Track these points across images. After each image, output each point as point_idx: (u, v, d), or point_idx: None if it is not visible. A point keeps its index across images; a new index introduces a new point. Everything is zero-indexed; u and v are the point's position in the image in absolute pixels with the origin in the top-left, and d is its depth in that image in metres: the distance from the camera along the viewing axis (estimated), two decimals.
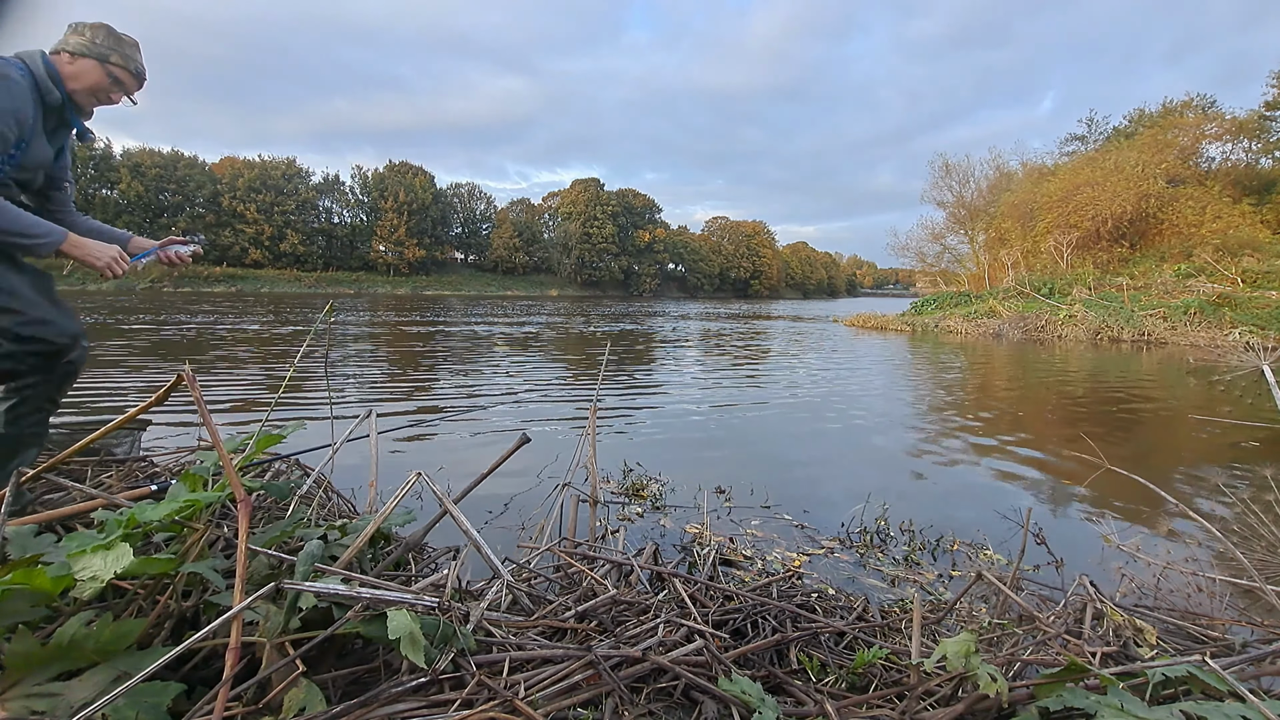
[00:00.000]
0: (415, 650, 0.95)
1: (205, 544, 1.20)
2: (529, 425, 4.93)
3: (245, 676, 1.03)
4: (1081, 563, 2.60)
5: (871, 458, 4.43)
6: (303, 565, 1.12)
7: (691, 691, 1.17)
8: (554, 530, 2.24)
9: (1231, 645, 1.60)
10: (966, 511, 3.25)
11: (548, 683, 1.12)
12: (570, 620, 1.40)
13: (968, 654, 0.99)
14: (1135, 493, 3.41)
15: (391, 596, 1.08)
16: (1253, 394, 6.89)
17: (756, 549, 2.67)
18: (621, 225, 75.64)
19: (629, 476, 3.55)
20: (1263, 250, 19.67)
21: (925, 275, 36.04)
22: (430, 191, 59.82)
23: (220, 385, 6.16)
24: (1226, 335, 14.48)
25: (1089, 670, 0.99)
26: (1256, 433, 5.10)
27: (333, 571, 1.16)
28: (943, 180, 34.49)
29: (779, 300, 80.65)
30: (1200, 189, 23.82)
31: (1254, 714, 0.86)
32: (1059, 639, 1.49)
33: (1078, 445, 4.36)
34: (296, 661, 0.97)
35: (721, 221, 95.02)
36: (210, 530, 1.25)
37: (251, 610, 1.05)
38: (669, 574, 1.73)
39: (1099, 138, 31.42)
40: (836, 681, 1.34)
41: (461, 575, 1.82)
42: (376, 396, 6.13)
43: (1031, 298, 20.67)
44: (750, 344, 13.92)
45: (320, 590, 1.04)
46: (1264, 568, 2.19)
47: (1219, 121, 25.50)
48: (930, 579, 2.46)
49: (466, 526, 1.45)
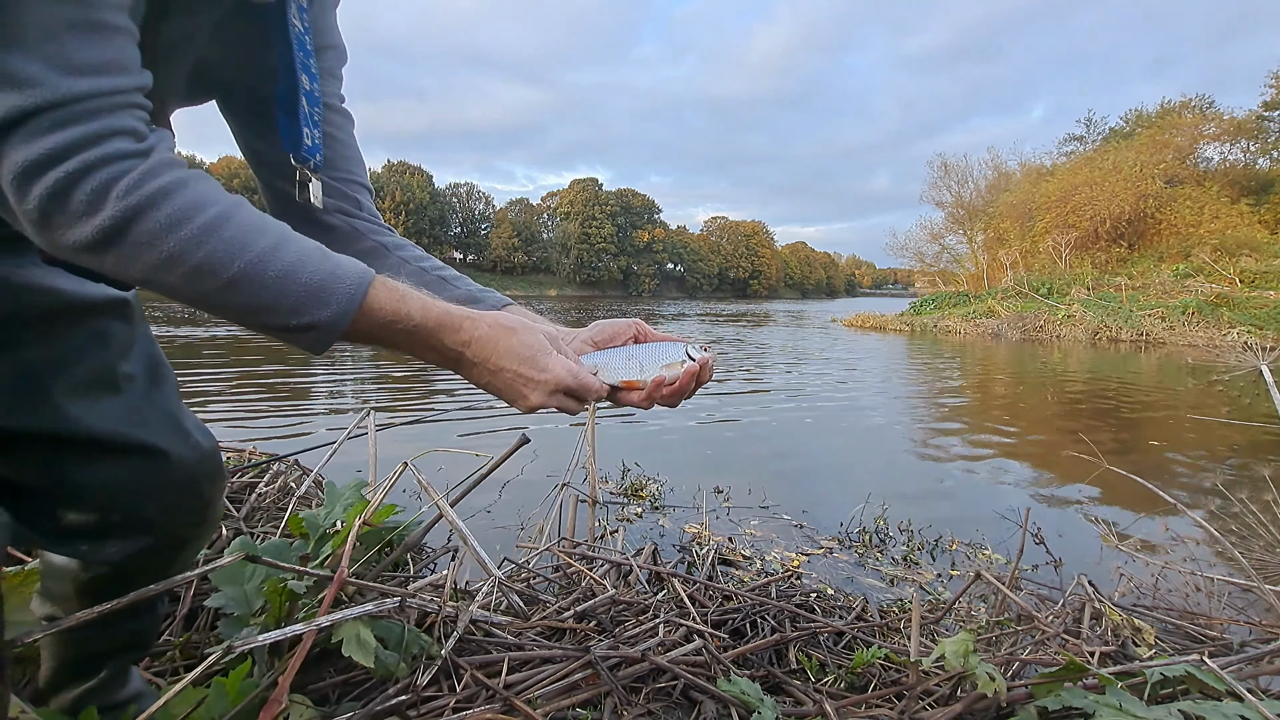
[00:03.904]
0: (365, 654, 0.93)
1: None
2: (528, 425, 4.93)
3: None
4: (1080, 562, 2.60)
5: (870, 457, 4.44)
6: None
7: (690, 691, 1.17)
8: (553, 530, 2.24)
9: (1230, 644, 1.61)
10: (965, 511, 3.26)
11: (546, 683, 1.12)
12: (569, 620, 1.40)
13: (966, 653, 0.99)
14: (1133, 492, 3.41)
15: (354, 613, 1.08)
16: (1251, 394, 6.90)
17: (755, 549, 2.67)
18: (620, 225, 75.69)
19: (628, 476, 3.55)
20: (1261, 250, 19.71)
21: (924, 275, 36.10)
22: (428, 191, 59.78)
23: (221, 385, 6.15)
24: (1224, 335, 14.51)
25: (1087, 670, 0.99)
26: (1254, 432, 5.11)
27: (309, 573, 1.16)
28: (941, 180, 34.58)
29: (777, 300, 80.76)
30: (1198, 189, 23.86)
31: (1252, 713, 0.86)
32: (1057, 638, 1.49)
33: (1076, 445, 4.37)
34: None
35: (721, 221, 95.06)
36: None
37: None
38: (668, 574, 1.73)
39: (1097, 138, 31.48)
40: (835, 681, 1.35)
41: (461, 575, 1.83)
42: (375, 395, 6.12)
43: (1030, 298, 20.69)
44: (749, 343, 13.92)
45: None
46: (1262, 567, 2.20)
47: (1217, 122, 25.55)
48: (929, 579, 2.46)
49: (460, 526, 1.45)
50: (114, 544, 0.77)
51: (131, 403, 0.76)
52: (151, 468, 0.76)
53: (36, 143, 0.46)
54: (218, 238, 0.51)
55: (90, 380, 0.73)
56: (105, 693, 0.91)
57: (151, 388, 0.80)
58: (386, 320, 0.59)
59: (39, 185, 0.47)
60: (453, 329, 0.63)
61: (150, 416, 0.77)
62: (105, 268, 0.51)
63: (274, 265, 0.54)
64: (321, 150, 0.78)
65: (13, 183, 0.47)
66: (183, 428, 0.81)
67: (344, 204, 0.84)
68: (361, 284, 0.58)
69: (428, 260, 0.87)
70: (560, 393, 0.66)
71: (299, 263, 0.55)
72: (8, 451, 0.70)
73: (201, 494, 0.83)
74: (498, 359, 0.64)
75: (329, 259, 0.58)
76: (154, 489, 0.77)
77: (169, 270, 0.51)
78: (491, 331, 0.63)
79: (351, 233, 0.84)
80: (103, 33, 0.49)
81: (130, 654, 0.94)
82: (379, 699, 0.98)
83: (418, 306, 0.61)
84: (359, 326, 0.58)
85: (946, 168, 34.51)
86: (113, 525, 0.76)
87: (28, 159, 0.46)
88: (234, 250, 0.52)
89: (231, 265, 0.52)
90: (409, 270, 0.84)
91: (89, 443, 0.72)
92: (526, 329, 0.66)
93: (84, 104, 0.48)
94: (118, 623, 0.88)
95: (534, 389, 0.65)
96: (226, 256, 0.52)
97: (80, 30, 0.48)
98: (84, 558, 0.79)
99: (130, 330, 0.79)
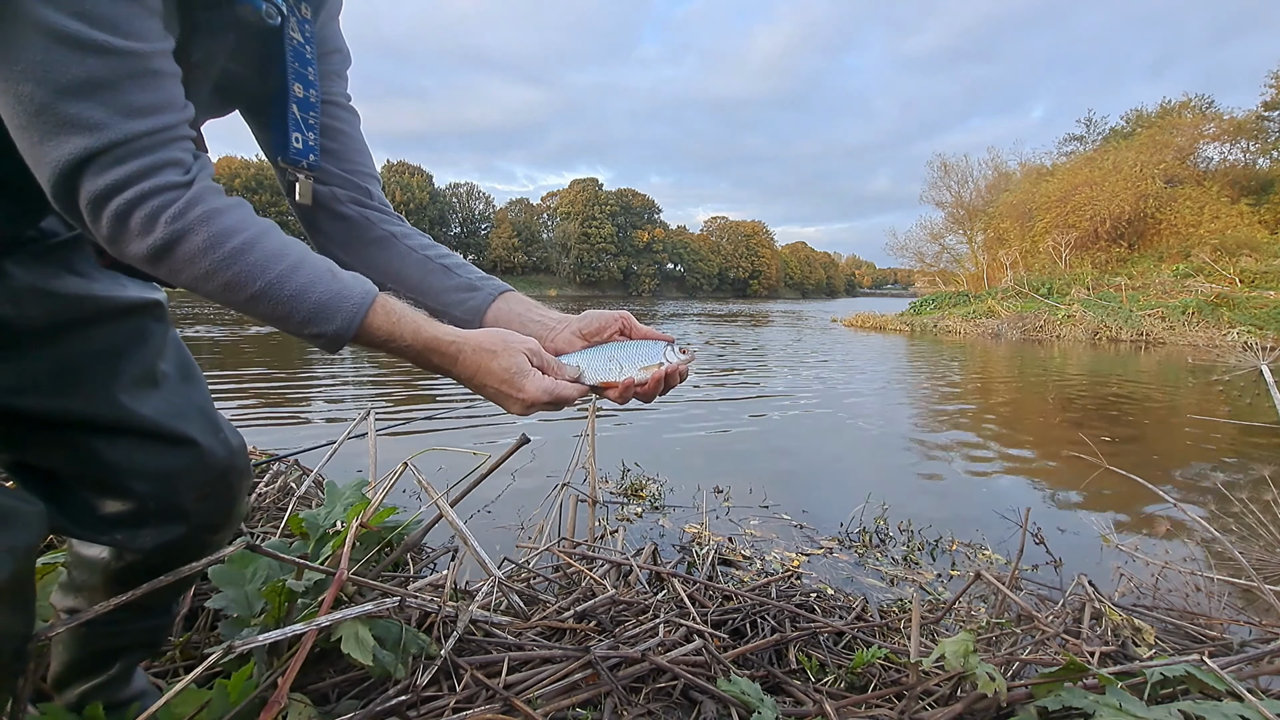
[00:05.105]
0: (363, 651, 0.93)
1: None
2: (528, 425, 4.93)
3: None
4: (1080, 562, 2.60)
5: (870, 457, 4.44)
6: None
7: (690, 691, 1.17)
8: (553, 530, 2.24)
9: (1230, 644, 1.61)
10: (965, 511, 3.26)
11: (546, 683, 1.12)
12: (569, 620, 1.40)
13: (966, 653, 0.99)
14: (1133, 492, 3.41)
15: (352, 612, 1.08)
16: (1251, 394, 6.91)
17: (755, 549, 2.67)
18: (620, 225, 75.72)
19: (628, 476, 3.55)
20: (1260, 250, 19.71)
21: (924, 275, 36.11)
22: (427, 191, 59.89)
23: (221, 385, 6.15)
24: (1225, 335, 14.51)
25: (1087, 670, 0.99)
26: (1254, 432, 5.11)
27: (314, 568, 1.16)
28: (941, 180, 34.60)
29: (777, 300, 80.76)
30: (1198, 189, 23.86)
31: (1252, 713, 0.86)
32: (1057, 638, 1.49)
33: (1076, 445, 4.37)
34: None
35: (720, 221, 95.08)
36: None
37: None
38: (668, 574, 1.73)
39: (1097, 138, 31.48)
40: (835, 681, 1.35)
41: (461, 575, 1.83)
42: (375, 395, 6.13)
43: (1030, 298, 20.69)
44: (748, 343, 13.92)
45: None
46: (1262, 567, 2.20)
47: (1217, 122, 25.55)
48: (929, 579, 2.46)
49: (460, 526, 1.45)
50: (149, 531, 0.82)
51: (170, 396, 0.84)
52: (189, 458, 0.83)
53: (104, 176, 0.57)
54: (244, 260, 0.62)
55: (136, 373, 0.81)
56: (111, 690, 0.94)
57: (184, 385, 0.87)
58: (383, 339, 0.69)
59: (107, 211, 0.58)
60: (439, 352, 0.71)
61: (187, 410, 0.85)
62: (160, 275, 0.63)
63: (290, 285, 0.64)
64: (316, 152, 0.84)
65: (87, 208, 0.58)
66: (215, 423, 0.88)
67: (356, 194, 0.90)
68: (362, 306, 0.67)
69: (433, 248, 0.92)
70: (538, 406, 0.74)
71: (310, 284, 0.65)
72: (49, 440, 0.77)
73: (231, 487, 0.89)
74: (480, 378, 0.72)
75: (337, 280, 0.67)
76: (190, 478, 0.83)
77: (206, 282, 0.62)
78: (474, 356, 0.72)
79: (364, 222, 0.90)
80: (155, 78, 0.59)
81: (141, 652, 0.98)
82: (379, 699, 0.98)
83: (410, 329, 0.70)
84: (360, 339, 0.69)
85: (946, 168, 34.54)
86: (149, 513, 0.81)
87: (97, 189, 0.57)
88: (257, 271, 0.63)
89: (255, 284, 0.63)
90: (414, 259, 0.90)
91: (135, 430, 0.79)
92: (507, 351, 0.72)
93: (141, 141, 0.58)
94: (133, 620, 0.92)
95: (514, 403, 0.73)
96: (250, 276, 0.63)
97: (136, 79, 0.58)
98: (119, 546, 0.84)
99: (165, 330, 0.87)
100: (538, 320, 0.88)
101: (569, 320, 0.88)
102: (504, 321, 0.86)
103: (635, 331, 0.87)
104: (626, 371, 0.80)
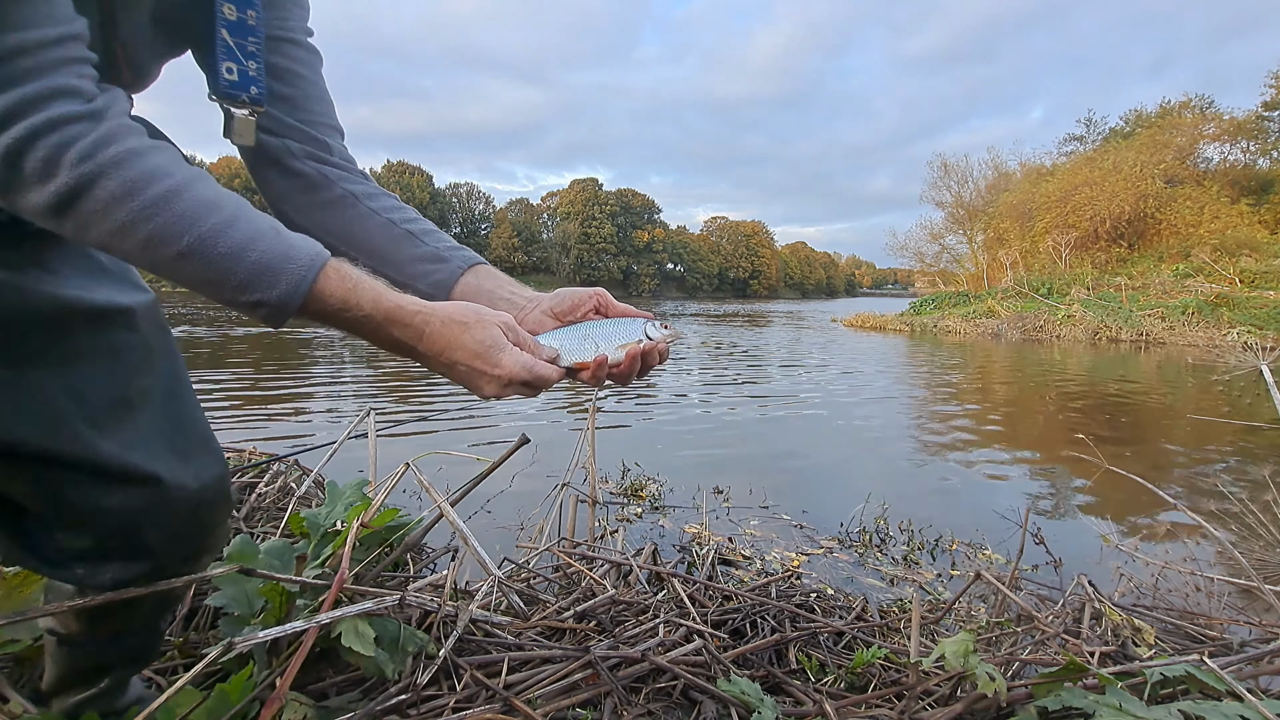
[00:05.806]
0: (364, 644, 0.93)
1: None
2: (528, 425, 4.93)
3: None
4: (1080, 562, 2.60)
5: (870, 457, 4.44)
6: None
7: (690, 691, 1.17)
8: (553, 530, 2.24)
9: (1230, 644, 1.61)
10: (965, 511, 3.26)
11: (546, 683, 1.12)
12: (569, 620, 1.40)
13: (966, 653, 0.99)
14: (1133, 492, 3.41)
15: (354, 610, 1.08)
16: (1251, 394, 6.91)
17: (755, 549, 2.67)
18: (620, 225, 75.73)
19: (628, 476, 3.55)
20: (1260, 250, 19.71)
21: (924, 275, 36.12)
22: (427, 191, 59.89)
23: (221, 385, 6.15)
24: (1224, 335, 14.50)
25: (1087, 670, 0.99)
26: (1254, 432, 5.11)
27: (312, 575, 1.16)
28: (941, 180, 34.62)
29: (777, 300, 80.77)
30: (1198, 189, 23.87)
31: (1252, 713, 0.86)
32: (1057, 638, 1.49)
33: (1076, 445, 4.37)
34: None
35: (720, 221, 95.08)
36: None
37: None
38: (668, 574, 1.73)
39: (1097, 138, 31.49)
40: (835, 681, 1.35)
41: (461, 575, 1.82)
42: (375, 396, 6.13)
43: (1030, 298, 20.69)
44: (748, 343, 13.92)
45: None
46: (1262, 567, 2.20)
47: (1217, 122, 25.56)
48: (929, 579, 2.46)
49: (460, 526, 1.45)
50: (111, 568, 0.75)
51: (138, 427, 0.73)
52: (150, 496, 0.73)
53: None
54: (169, 211, 0.51)
55: (101, 402, 0.70)
56: (104, 701, 0.91)
57: (166, 404, 0.77)
58: (336, 307, 0.59)
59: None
60: (403, 324, 0.61)
61: (154, 441, 0.74)
62: (65, 232, 0.51)
63: (224, 242, 0.53)
64: (260, 85, 0.71)
65: None
66: (188, 453, 0.78)
67: (312, 147, 0.78)
68: (312, 268, 0.57)
69: (399, 211, 0.81)
70: (515, 385, 0.65)
71: (249, 241, 0.54)
72: (7, 471, 0.68)
73: (201, 522, 0.80)
74: (450, 353, 0.63)
75: (282, 239, 0.57)
76: (153, 517, 0.74)
77: (122, 238, 0.51)
78: (444, 328, 0.62)
79: (321, 180, 0.79)
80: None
81: (130, 668, 0.93)
82: (379, 699, 0.98)
83: (369, 297, 0.60)
84: (310, 309, 0.58)
85: (946, 168, 34.56)
86: (111, 550, 0.74)
87: None
88: (184, 224, 0.52)
89: (181, 239, 0.52)
90: (377, 223, 0.79)
91: (93, 468, 0.69)
92: (480, 323, 0.64)
93: (16, 63, 0.46)
94: (114, 642, 0.87)
95: (488, 382, 0.64)
96: (177, 230, 0.51)
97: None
98: (80, 582, 0.77)
99: (142, 342, 0.76)
100: (507, 298, 0.79)
101: (540, 299, 0.80)
102: (472, 297, 0.77)
103: (612, 309, 0.79)
104: (603, 349, 0.73)
